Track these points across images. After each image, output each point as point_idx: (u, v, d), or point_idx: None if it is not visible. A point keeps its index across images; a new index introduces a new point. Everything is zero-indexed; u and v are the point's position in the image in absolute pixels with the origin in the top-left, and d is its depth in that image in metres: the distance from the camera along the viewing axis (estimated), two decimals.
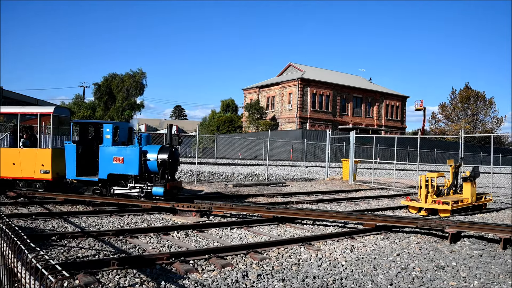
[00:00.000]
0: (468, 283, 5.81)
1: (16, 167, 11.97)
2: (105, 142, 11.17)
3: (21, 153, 12.04)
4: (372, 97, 60.16)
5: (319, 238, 8.23)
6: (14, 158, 12.02)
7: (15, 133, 12.56)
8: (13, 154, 12.10)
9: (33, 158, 11.97)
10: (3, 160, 12.02)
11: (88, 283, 4.73)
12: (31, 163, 11.93)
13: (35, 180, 12.04)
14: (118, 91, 46.94)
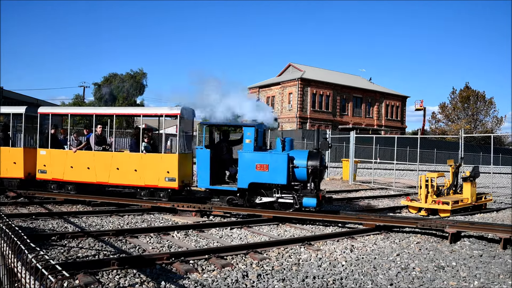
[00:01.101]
0: (468, 283, 5.81)
1: (138, 174, 11.06)
2: (245, 147, 9.99)
3: (144, 158, 11.09)
4: (372, 97, 60.14)
5: (319, 238, 8.23)
6: (136, 164, 11.10)
7: (136, 136, 11.62)
8: (135, 159, 11.20)
9: (157, 164, 10.97)
10: (125, 167, 11.20)
11: (88, 283, 4.73)
12: (155, 170, 10.93)
13: (158, 188, 11.01)
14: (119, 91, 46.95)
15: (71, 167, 11.69)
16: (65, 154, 11.87)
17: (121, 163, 11.31)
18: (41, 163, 11.96)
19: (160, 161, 11.01)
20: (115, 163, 11.35)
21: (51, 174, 11.86)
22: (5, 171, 12.16)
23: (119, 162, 11.34)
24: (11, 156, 12.23)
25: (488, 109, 68.67)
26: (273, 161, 9.79)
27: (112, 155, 11.53)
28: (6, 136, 12.94)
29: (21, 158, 12.16)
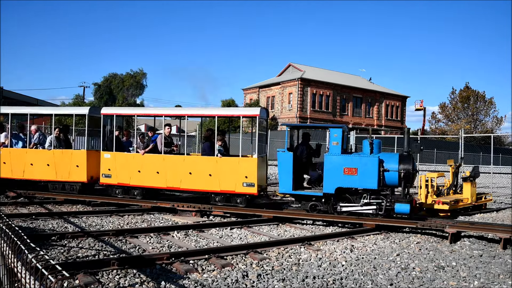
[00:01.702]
0: (468, 283, 5.81)
1: (213, 179, 10.42)
2: (332, 149, 9.57)
3: (219, 162, 10.44)
4: (372, 97, 60.14)
5: (319, 238, 8.23)
6: (211, 169, 10.47)
7: (210, 139, 11.02)
8: (210, 163, 10.53)
9: (234, 168, 10.32)
10: (199, 171, 10.56)
11: (88, 283, 4.73)
12: (231, 175, 10.28)
13: (235, 194, 10.34)
14: (118, 91, 46.98)
15: (139, 171, 11.03)
16: (131, 157, 11.24)
17: (194, 167, 10.61)
18: (105, 167, 11.36)
19: (237, 165, 10.32)
20: (188, 167, 10.66)
21: (116, 179, 11.22)
22: (66, 175, 11.64)
23: (192, 166, 10.65)
24: (73, 159, 11.65)
25: (488, 109, 68.70)
26: (363, 164, 9.26)
27: (184, 158, 10.84)
28: (66, 138, 12.62)
29: (84, 162, 11.54)
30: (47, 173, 11.80)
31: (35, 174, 11.98)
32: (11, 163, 12.11)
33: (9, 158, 12.15)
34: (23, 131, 12.90)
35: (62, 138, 12.38)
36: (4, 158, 12.14)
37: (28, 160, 11.99)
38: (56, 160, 11.74)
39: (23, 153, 12.16)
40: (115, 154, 11.36)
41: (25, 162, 11.99)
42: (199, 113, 12.59)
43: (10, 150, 12.30)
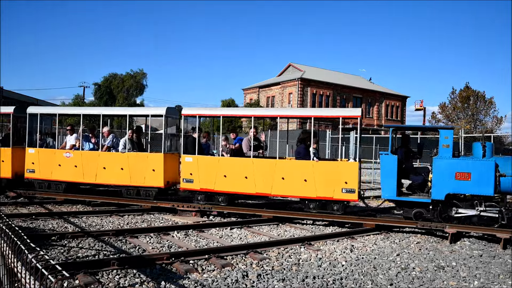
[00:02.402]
0: (468, 283, 5.81)
1: (309, 184, 9.68)
2: (442, 152, 8.91)
3: (316, 167, 9.73)
4: (372, 97, 60.16)
5: (319, 238, 8.23)
6: (306, 173, 9.73)
7: (305, 141, 10.31)
8: (305, 168, 9.78)
9: (331, 173, 9.60)
10: (293, 176, 9.82)
11: (88, 283, 4.73)
12: (328, 180, 9.56)
13: (332, 201, 9.65)
14: (118, 91, 46.98)
15: (224, 176, 10.27)
16: (216, 161, 10.50)
17: (287, 172, 9.89)
18: (187, 171, 10.58)
19: (336, 169, 9.64)
20: (280, 171, 9.93)
21: (199, 184, 10.44)
22: (142, 180, 10.95)
23: (284, 170, 9.92)
24: (149, 163, 10.95)
25: (488, 109, 68.63)
26: (477, 169, 8.63)
27: (276, 162, 10.10)
28: (139, 140, 11.97)
29: (161, 165, 10.83)
30: (121, 177, 11.13)
31: (108, 179, 11.30)
32: (82, 166, 11.48)
33: (80, 161, 11.53)
34: (93, 133, 12.27)
35: (135, 140, 11.68)
36: (75, 161, 11.57)
37: (100, 164, 11.30)
38: (130, 163, 11.06)
39: (96, 156, 11.44)
40: (198, 157, 10.57)
41: (97, 166, 11.32)
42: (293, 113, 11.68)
43: (82, 153, 11.61)
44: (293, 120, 52.77)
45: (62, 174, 11.63)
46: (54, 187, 11.76)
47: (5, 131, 13.80)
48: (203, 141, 11.41)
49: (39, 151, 11.94)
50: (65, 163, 11.63)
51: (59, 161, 11.68)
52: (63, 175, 11.62)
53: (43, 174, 11.78)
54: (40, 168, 11.79)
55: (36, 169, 11.83)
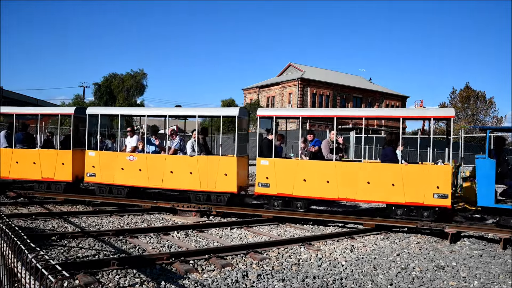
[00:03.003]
0: (468, 283, 5.81)
1: (397, 189, 9.07)
2: None
3: (404, 170, 9.11)
4: (372, 97, 60.17)
5: (319, 238, 8.24)
6: (395, 178, 9.13)
7: (393, 143, 9.72)
8: (394, 172, 9.19)
9: (422, 177, 9.00)
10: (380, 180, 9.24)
11: (88, 283, 4.73)
12: (419, 184, 8.97)
13: (423, 206, 9.01)
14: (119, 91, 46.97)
15: (304, 180, 9.72)
16: (295, 164, 9.93)
17: (373, 176, 9.31)
18: (262, 175, 10.04)
19: (426, 173, 9.03)
20: (365, 175, 9.36)
21: (276, 189, 9.89)
22: (213, 185, 10.37)
23: (370, 174, 9.35)
24: (221, 167, 10.39)
25: (488, 109, 68.64)
26: None
27: (360, 166, 9.56)
28: (205, 142, 11.39)
29: (234, 169, 10.29)
30: (190, 182, 10.55)
31: (176, 183, 10.70)
32: (147, 170, 10.88)
33: (145, 164, 10.91)
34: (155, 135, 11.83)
35: (201, 142, 11.13)
36: (140, 165, 10.96)
37: (167, 168, 10.72)
38: (200, 168, 10.46)
39: (162, 159, 10.89)
40: (275, 160, 10.02)
41: (164, 170, 10.75)
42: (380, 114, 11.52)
43: (147, 156, 11.06)
44: (292, 120, 52.76)
45: (125, 179, 11.07)
46: (116, 192, 11.20)
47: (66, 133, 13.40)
48: (276, 143, 10.58)
49: (100, 153, 11.40)
50: (129, 167, 11.06)
51: (122, 165, 11.10)
52: (126, 180, 11.06)
53: (105, 178, 11.23)
54: (101, 172, 11.25)
55: (97, 173, 11.30)
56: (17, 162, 11.84)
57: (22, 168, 11.83)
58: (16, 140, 12.08)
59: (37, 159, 11.71)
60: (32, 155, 11.83)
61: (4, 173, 11.96)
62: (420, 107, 61.73)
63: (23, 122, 13.04)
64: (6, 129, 12.70)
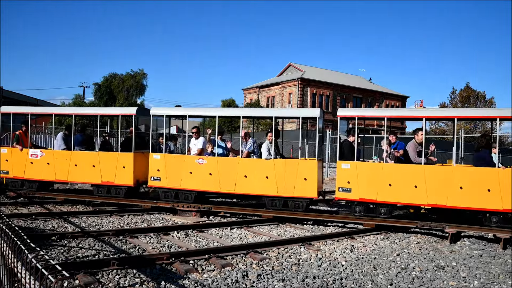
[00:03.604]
0: (468, 283, 5.81)
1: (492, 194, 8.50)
2: None
3: (502, 175, 8.52)
4: (372, 97, 60.19)
5: (319, 238, 8.24)
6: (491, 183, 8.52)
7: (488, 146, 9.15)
8: (489, 176, 8.57)
9: None
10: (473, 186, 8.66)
11: (88, 283, 4.73)
12: None
13: None
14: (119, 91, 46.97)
15: (389, 185, 9.18)
16: (379, 168, 9.38)
17: (466, 181, 8.71)
18: (343, 179, 9.51)
19: None
20: (458, 180, 8.76)
21: (358, 194, 9.39)
22: (291, 190, 9.82)
23: (463, 179, 8.74)
24: (300, 171, 9.78)
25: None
26: None
27: (452, 170, 8.92)
28: (276, 144, 10.72)
29: (315, 173, 9.71)
30: (265, 187, 10.01)
31: (250, 188, 10.20)
32: (218, 174, 10.38)
33: (216, 168, 10.43)
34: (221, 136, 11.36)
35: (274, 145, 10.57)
36: (210, 169, 10.47)
37: (241, 172, 10.21)
38: (277, 172, 9.94)
39: (235, 163, 10.38)
40: (357, 164, 9.51)
41: (237, 174, 10.23)
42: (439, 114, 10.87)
43: (218, 159, 10.52)
44: (292, 120, 52.80)
45: (194, 183, 10.55)
46: (183, 197, 10.69)
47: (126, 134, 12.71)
48: None
49: (166, 156, 10.90)
50: (198, 171, 10.55)
51: (190, 168, 10.59)
52: (195, 184, 10.56)
53: (171, 182, 10.70)
54: (167, 176, 10.73)
55: (162, 177, 10.79)
56: (76, 165, 11.42)
57: (81, 172, 11.40)
58: (75, 142, 11.68)
59: (97, 162, 11.25)
60: (92, 158, 11.36)
61: (62, 177, 11.59)
62: (420, 107, 61.80)
63: (83, 123, 12.71)
64: (65, 131, 12.43)
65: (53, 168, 11.62)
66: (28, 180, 11.89)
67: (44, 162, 11.71)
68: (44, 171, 11.69)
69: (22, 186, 12.02)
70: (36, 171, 11.77)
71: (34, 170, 11.78)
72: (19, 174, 11.91)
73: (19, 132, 12.27)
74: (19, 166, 11.90)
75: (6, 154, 12.09)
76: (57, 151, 11.80)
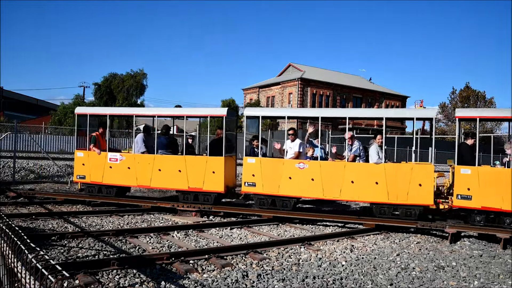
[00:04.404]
0: (468, 283, 5.81)
1: None
2: None
3: None
4: (372, 97, 60.20)
5: (319, 238, 8.24)
6: None
7: None
8: None
9: None
10: None
11: (88, 283, 4.73)
12: None
13: None
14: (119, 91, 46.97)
15: None
16: (504, 173, 8.68)
17: None
18: (463, 185, 8.91)
19: None
20: None
21: (479, 202, 8.69)
22: (404, 197, 9.15)
23: None
24: (414, 176, 9.15)
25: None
26: None
27: None
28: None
29: (430, 179, 9.11)
30: (375, 193, 9.35)
31: (357, 195, 9.55)
32: (321, 180, 9.72)
33: (319, 173, 9.70)
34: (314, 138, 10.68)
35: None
36: (312, 174, 9.75)
37: (347, 177, 9.53)
38: (388, 177, 9.28)
39: (340, 167, 9.71)
40: (478, 169, 8.89)
41: (343, 179, 9.55)
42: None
43: (321, 164, 9.80)
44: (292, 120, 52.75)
45: (293, 189, 9.91)
46: (281, 204, 10.01)
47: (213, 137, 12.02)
48: None
49: (262, 160, 10.19)
50: (298, 176, 9.86)
51: (290, 173, 9.91)
52: (294, 190, 9.92)
53: (268, 188, 10.03)
54: (263, 182, 10.05)
55: (258, 183, 10.09)
56: (160, 169, 10.72)
57: (166, 177, 10.68)
58: (159, 145, 11.01)
59: (183, 167, 10.53)
60: (178, 162, 10.64)
61: (144, 182, 10.90)
62: (420, 107, 61.72)
63: (166, 125, 11.80)
64: (143, 132, 11.68)
65: (134, 173, 10.93)
66: (106, 185, 11.23)
67: (125, 166, 11.02)
68: (124, 176, 11.01)
69: (99, 191, 11.33)
70: (115, 176, 11.09)
71: (113, 175, 11.11)
72: (97, 179, 11.23)
73: (96, 133, 11.54)
74: (97, 170, 11.23)
75: (82, 157, 11.45)
76: (139, 155, 11.08)
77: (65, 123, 36.27)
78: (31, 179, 15.96)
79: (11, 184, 13.79)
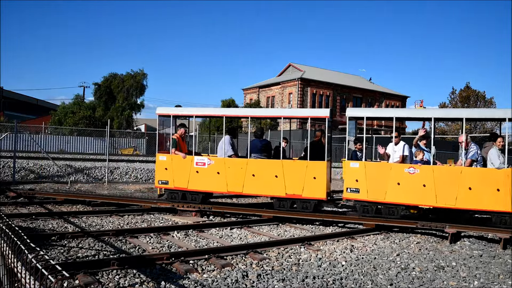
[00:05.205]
0: (468, 283, 5.81)
1: None
2: None
3: None
4: (372, 97, 60.21)
5: (319, 238, 8.24)
6: None
7: None
8: None
9: None
10: None
11: (88, 283, 4.73)
12: None
13: None
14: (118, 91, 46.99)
15: None
16: None
17: None
18: None
19: None
20: None
21: None
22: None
23: None
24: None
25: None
26: None
27: None
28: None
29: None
30: (496, 201, 8.55)
31: (477, 202, 8.72)
32: (434, 186, 8.97)
33: (431, 179, 9.00)
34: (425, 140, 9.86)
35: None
36: (423, 179, 9.05)
37: (465, 183, 8.76)
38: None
39: (456, 172, 8.92)
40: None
41: (459, 185, 8.80)
42: None
43: (434, 168, 9.08)
44: (292, 120, 52.74)
45: (401, 196, 9.22)
46: (387, 212, 9.35)
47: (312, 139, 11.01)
48: None
49: (366, 165, 9.53)
50: (407, 181, 9.18)
51: (398, 179, 9.22)
52: (403, 197, 9.22)
53: (373, 194, 9.37)
54: (368, 188, 9.38)
55: (362, 188, 9.42)
56: (254, 175, 10.01)
57: (260, 183, 10.00)
58: (253, 148, 10.39)
59: (280, 172, 9.87)
60: (274, 167, 9.95)
61: (235, 188, 10.19)
62: (420, 107, 61.79)
63: (261, 127, 11.05)
64: (229, 134, 10.89)
65: (224, 178, 10.20)
66: (191, 191, 10.50)
67: (213, 171, 10.28)
68: (213, 181, 10.30)
69: (183, 198, 10.58)
70: (203, 181, 10.36)
71: (200, 180, 10.38)
72: (181, 185, 10.47)
73: (176, 136, 10.81)
74: (182, 175, 10.47)
75: (165, 161, 10.63)
76: (231, 159, 10.36)
77: (65, 123, 36.29)
78: (31, 179, 15.97)
79: (11, 184, 13.80)
